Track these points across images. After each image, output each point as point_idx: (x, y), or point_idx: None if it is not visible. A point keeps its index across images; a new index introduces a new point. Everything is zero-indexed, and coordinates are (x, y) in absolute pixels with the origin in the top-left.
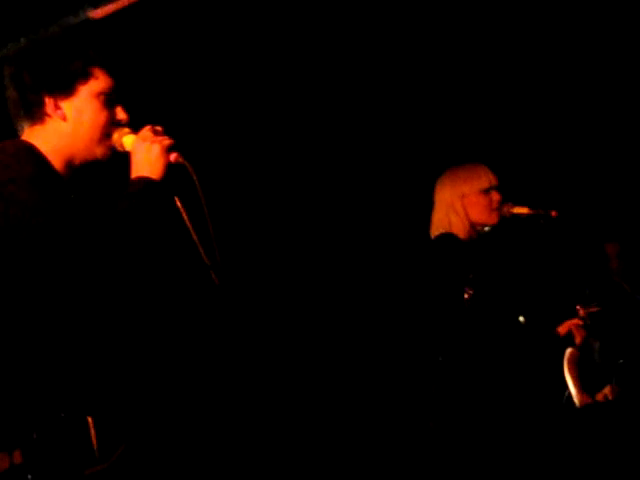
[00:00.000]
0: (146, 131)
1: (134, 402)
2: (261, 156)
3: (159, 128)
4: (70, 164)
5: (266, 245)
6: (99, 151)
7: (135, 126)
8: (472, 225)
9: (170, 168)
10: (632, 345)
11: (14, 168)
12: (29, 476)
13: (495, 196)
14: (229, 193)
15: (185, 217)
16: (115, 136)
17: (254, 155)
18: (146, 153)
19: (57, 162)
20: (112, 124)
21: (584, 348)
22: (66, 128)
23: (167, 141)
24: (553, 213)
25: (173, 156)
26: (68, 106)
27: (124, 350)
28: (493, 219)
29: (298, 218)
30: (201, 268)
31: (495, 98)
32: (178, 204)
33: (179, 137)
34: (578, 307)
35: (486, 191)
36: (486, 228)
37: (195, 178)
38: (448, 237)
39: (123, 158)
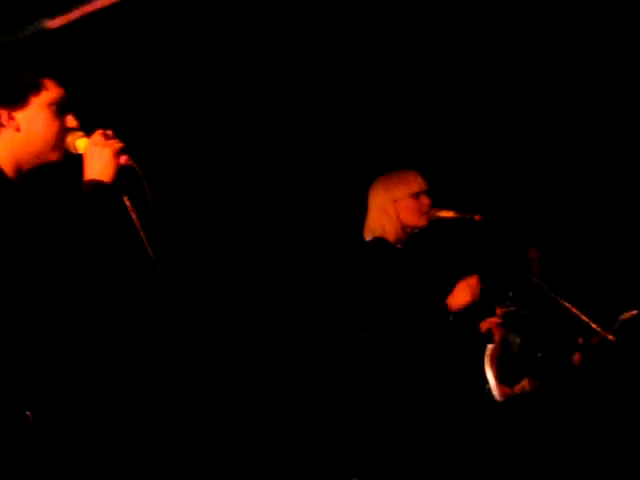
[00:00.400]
0: (97, 135)
1: (71, 400)
2: (204, 159)
3: (109, 132)
4: (25, 168)
5: (207, 242)
6: (52, 156)
7: (88, 129)
8: (403, 227)
9: (120, 170)
10: (549, 341)
11: None
12: None
13: (425, 200)
14: (176, 192)
15: (133, 215)
16: (69, 139)
17: (198, 157)
18: (97, 157)
19: (12, 167)
20: (64, 131)
21: (503, 344)
22: (20, 137)
23: (117, 145)
24: (476, 217)
25: (123, 159)
26: (21, 117)
27: (67, 348)
28: (422, 222)
29: (239, 216)
30: (147, 263)
31: (428, 110)
32: (127, 203)
33: (129, 140)
34: (496, 307)
35: (416, 195)
36: (415, 230)
37: (143, 179)
38: (380, 241)
39: (76, 160)
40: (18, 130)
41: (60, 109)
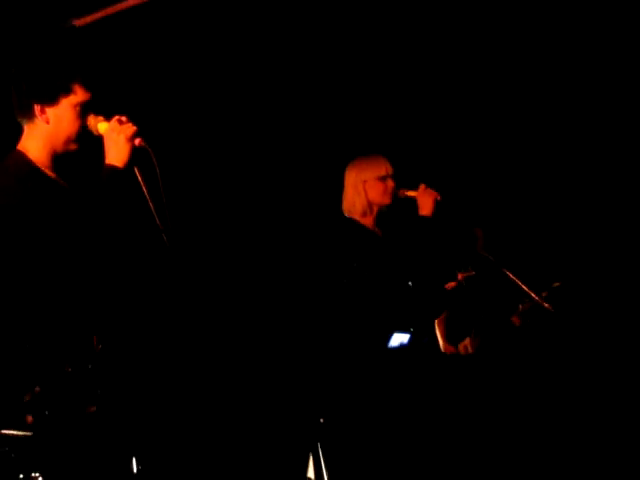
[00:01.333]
0: (114, 122)
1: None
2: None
3: (124, 118)
4: (55, 154)
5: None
6: (73, 147)
7: (108, 114)
8: (370, 205)
9: (134, 151)
10: (488, 306)
11: (7, 183)
12: (46, 412)
13: (390, 183)
14: (183, 171)
15: (143, 187)
16: (92, 122)
17: (201, 140)
18: (114, 142)
19: (45, 153)
20: (83, 129)
21: (449, 308)
22: (48, 129)
23: (131, 129)
24: (438, 197)
25: (137, 141)
26: (51, 113)
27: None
28: (386, 200)
29: (232, 193)
30: (155, 231)
31: (398, 106)
32: (139, 177)
33: (143, 123)
34: (458, 273)
35: (383, 178)
36: (382, 208)
37: (154, 158)
38: (351, 220)
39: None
40: (47, 122)
41: (83, 110)
